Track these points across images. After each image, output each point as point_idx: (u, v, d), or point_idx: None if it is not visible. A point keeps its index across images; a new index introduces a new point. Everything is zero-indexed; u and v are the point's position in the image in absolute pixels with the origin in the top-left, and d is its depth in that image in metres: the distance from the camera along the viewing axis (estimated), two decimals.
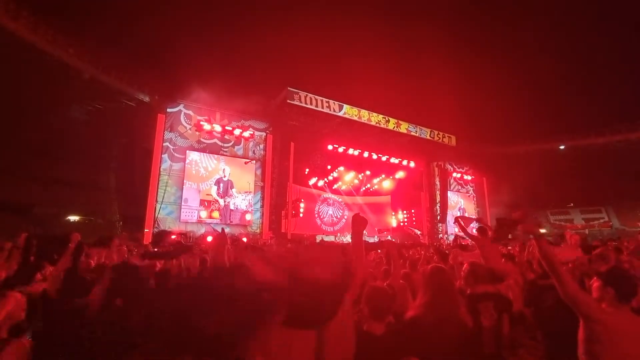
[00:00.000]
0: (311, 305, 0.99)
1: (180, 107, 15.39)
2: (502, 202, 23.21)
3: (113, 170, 16.74)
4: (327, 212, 21.62)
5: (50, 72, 12.43)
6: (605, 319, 1.56)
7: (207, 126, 15.42)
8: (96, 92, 14.10)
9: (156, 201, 14.15)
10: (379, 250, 6.68)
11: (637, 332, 1.54)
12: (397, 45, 26.32)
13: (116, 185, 16.75)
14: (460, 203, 23.87)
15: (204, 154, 15.66)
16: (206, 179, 15.48)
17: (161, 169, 14.51)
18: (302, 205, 17.42)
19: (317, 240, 16.73)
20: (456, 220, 6.49)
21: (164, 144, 14.75)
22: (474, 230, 3.92)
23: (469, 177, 24.49)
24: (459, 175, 24.04)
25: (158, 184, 14.31)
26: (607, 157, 22.79)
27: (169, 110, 15.08)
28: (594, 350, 1.56)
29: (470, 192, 24.79)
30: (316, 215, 21.01)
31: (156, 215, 14.02)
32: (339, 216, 21.94)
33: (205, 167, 15.60)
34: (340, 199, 22.32)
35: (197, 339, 0.79)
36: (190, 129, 15.43)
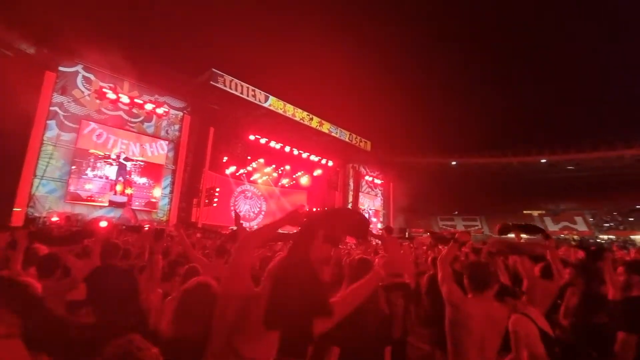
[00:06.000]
0: None
1: (78, 67, 13.11)
2: (404, 207, 26.12)
3: None
4: (244, 206, 20.86)
5: None
6: (461, 304, 1.84)
7: (111, 95, 13.44)
8: None
9: (34, 175, 11.82)
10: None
11: (484, 314, 1.81)
12: (327, 47, 27.07)
13: None
14: (372, 206, 25.82)
15: (106, 126, 13.67)
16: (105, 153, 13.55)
17: (45, 137, 12.17)
18: (217, 194, 16.56)
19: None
20: None
21: (52, 108, 12.39)
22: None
23: (379, 182, 26.65)
24: (370, 178, 25.95)
25: (39, 155, 11.96)
26: (486, 175, 27.66)
27: (61, 69, 12.70)
28: (454, 332, 1.85)
29: (378, 195, 27.01)
30: (232, 207, 20.14)
31: (33, 192, 11.71)
32: (256, 212, 21.39)
33: (107, 140, 13.63)
34: (259, 192, 21.81)
35: None
36: (89, 95, 13.25)
